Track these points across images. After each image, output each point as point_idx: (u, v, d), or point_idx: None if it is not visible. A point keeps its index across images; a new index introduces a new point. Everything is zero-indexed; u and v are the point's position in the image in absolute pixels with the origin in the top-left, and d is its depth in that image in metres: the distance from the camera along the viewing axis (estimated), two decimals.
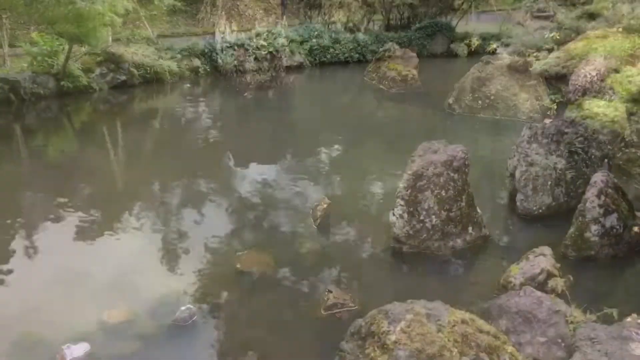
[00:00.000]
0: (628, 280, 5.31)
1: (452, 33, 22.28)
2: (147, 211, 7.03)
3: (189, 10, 23.86)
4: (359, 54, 20.08)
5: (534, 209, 6.45)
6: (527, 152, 6.54)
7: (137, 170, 8.79)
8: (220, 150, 9.88)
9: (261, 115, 13.13)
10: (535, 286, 4.44)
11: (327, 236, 6.29)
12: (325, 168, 8.90)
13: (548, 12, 20.82)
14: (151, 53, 15.54)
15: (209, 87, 16.00)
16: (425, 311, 2.79)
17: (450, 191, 5.67)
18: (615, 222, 5.42)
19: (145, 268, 5.57)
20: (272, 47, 17.86)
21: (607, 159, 6.75)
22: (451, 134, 10.45)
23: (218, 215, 7.07)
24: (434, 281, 5.34)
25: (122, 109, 13.40)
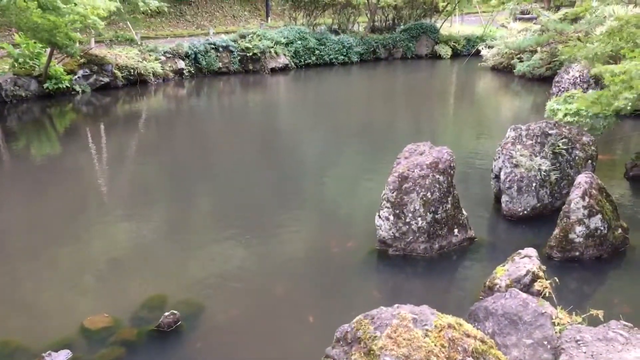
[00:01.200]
0: (613, 282, 5.33)
1: (437, 35, 22.39)
2: (128, 214, 6.94)
3: (173, 12, 23.72)
4: (344, 56, 20.14)
5: (519, 210, 6.47)
6: (511, 153, 6.56)
7: (120, 173, 8.69)
8: (204, 152, 9.82)
9: (246, 117, 13.07)
10: (520, 288, 4.43)
11: (313, 239, 6.25)
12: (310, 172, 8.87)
13: (531, 14, 21.03)
14: (135, 55, 15.45)
15: (193, 88, 15.90)
16: (411, 316, 2.76)
17: (436, 193, 5.66)
18: (600, 223, 5.45)
19: (127, 272, 5.49)
20: (257, 48, 17.83)
21: (590, 160, 6.78)
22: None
23: (202, 217, 7.02)
24: (421, 284, 5.33)
25: (105, 111, 13.27)
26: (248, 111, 13.75)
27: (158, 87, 15.57)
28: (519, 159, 6.49)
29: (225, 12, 26.16)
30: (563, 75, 12.80)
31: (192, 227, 6.64)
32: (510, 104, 14.79)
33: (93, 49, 14.90)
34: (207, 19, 24.87)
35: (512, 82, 16.64)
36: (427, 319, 2.77)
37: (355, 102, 15.03)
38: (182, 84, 16.25)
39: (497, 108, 14.39)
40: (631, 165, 7.86)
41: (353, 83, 18.28)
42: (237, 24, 25.13)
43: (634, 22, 7.79)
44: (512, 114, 13.18)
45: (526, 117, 11.90)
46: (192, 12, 24.78)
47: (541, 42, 14.55)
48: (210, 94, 15.66)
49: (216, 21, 24.93)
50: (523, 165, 6.45)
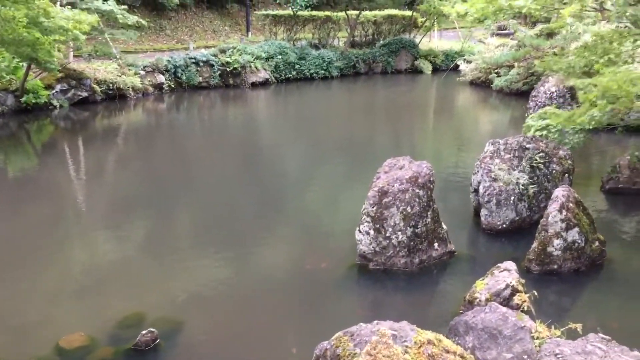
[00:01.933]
0: (591, 294, 5.38)
1: (416, 50, 22.62)
2: (106, 230, 6.85)
3: (153, 26, 23.65)
4: (325, 71, 20.23)
5: (498, 224, 6.51)
6: (490, 167, 6.61)
7: (98, 188, 8.59)
8: (184, 167, 9.75)
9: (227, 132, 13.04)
10: (500, 302, 4.45)
11: (293, 254, 6.23)
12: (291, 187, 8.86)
13: (508, 30, 21.36)
14: (114, 69, 15.34)
15: (173, 103, 15.83)
16: (391, 332, 2.75)
17: (416, 207, 5.68)
18: (577, 236, 5.50)
19: (104, 289, 5.40)
20: (238, 63, 17.84)
21: (567, 174, 6.87)
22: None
23: (181, 233, 6.94)
24: (401, 298, 5.32)
25: (83, 125, 13.15)
26: (228, 125, 13.72)
27: (137, 101, 15.48)
28: (497, 173, 6.55)
29: (206, 27, 26.15)
30: (539, 89, 13.00)
31: (172, 243, 6.56)
32: (488, 118, 14.97)
33: (71, 63, 14.78)
34: (187, 33, 24.83)
35: (490, 97, 16.85)
36: (407, 335, 2.76)
37: (335, 116, 15.09)
38: (162, 98, 16.17)
39: (475, 122, 14.54)
40: (607, 178, 7.97)
41: (333, 97, 18.36)
42: (217, 38, 25.12)
43: (608, 37, 7.95)
44: (491, 128, 13.33)
45: (504, 131, 12.03)
46: (172, 26, 24.73)
47: (518, 57, 14.78)
48: (190, 109, 15.60)
49: (196, 36, 24.90)
50: (501, 179, 6.51)
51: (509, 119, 13.98)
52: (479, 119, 14.94)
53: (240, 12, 28.03)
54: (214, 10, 27.24)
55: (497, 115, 15.32)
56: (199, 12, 26.51)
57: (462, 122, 14.64)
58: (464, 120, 14.93)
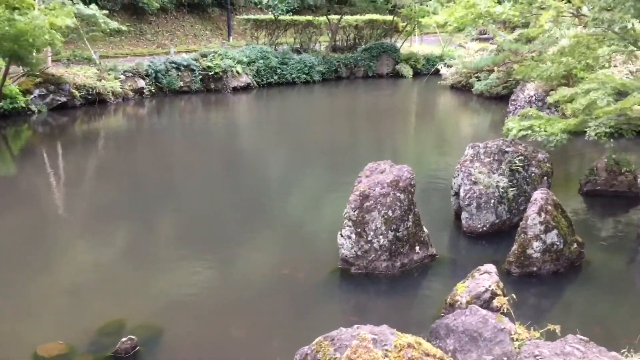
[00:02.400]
0: (569, 296, 5.44)
1: (397, 54, 22.76)
2: (86, 236, 6.78)
3: (133, 31, 23.50)
4: (306, 75, 20.24)
5: (478, 227, 6.56)
6: (470, 171, 6.67)
7: (77, 194, 8.49)
8: (165, 172, 9.69)
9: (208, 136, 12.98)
10: (480, 304, 4.48)
11: (275, 259, 6.21)
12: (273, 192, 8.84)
13: (488, 34, 21.57)
14: (93, 74, 15.21)
15: (154, 108, 15.73)
16: (371, 336, 2.76)
17: (397, 211, 5.70)
18: (556, 239, 5.56)
19: (84, 296, 5.34)
20: (219, 67, 17.79)
21: (546, 177, 6.95)
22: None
23: (162, 239, 6.89)
24: (383, 302, 5.34)
25: (62, 131, 13.00)
26: (210, 130, 13.66)
27: (117, 106, 15.35)
28: (477, 176, 6.61)
29: (187, 31, 26.05)
30: (519, 94, 13.15)
31: (152, 249, 6.51)
32: (469, 122, 15.10)
33: (50, 68, 14.62)
34: (168, 37, 24.70)
35: (470, 101, 17.00)
36: (387, 339, 2.77)
37: (317, 120, 15.11)
38: (143, 103, 16.06)
39: (456, 126, 14.66)
40: (585, 181, 8.08)
41: (315, 102, 18.38)
42: (198, 43, 25.03)
43: (585, 42, 8.07)
44: (471, 132, 13.45)
45: (485, 135, 12.14)
46: (153, 30, 24.59)
47: (497, 62, 14.93)
48: (171, 113, 15.51)
49: (177, 40, 24.78)
50: (481, 182, 6.57)
51: (489, 123, 14.11)
52: (459, 123, 15.06)
53: (221, 16, 27.97)
54: (195, 14, 27.14)
55: (477, 118, 15.46)
56: (180, 16, 26.39)
57: (443, 125, 14.75)
58: (444, 124, 15.04)
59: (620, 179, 7.90)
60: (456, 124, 14.98)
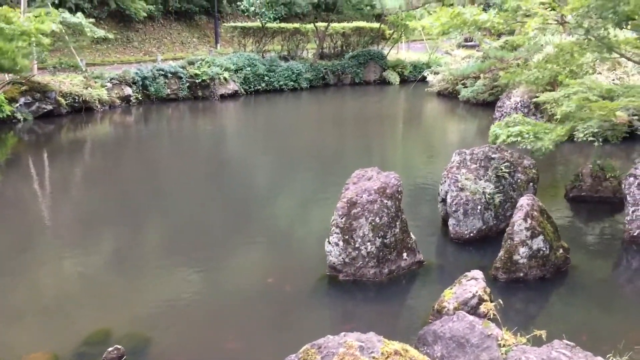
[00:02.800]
0: (555, 301, 5.48)
1: (385, 61, 22.88)
2: (72, 245, 6.72)
3: (120, 38, 23.43)
4: (294, 82, 20.28)
5: (465, 233, 6.59)
6: (457, 177, 6.70)
7: (64, 203, 8.43)
8: (152, 180, 9.64)
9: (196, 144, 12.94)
10: (468, 310, 4.49)
11: (262, 266, 6.20)
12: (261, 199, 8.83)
13: (474, 41, 21.77)
14: (79, 81, 15.14)
15: (141, 115, 15.67)
16: (358, 344, 2.76)
17: (385, 218, 5.71)
18: (542, 244, 5.60)
19: (70, 305, 5.29)
20: (206, 75, 17.78)
21: (532, 183, 7.00)
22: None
23: (149, 247, 6.85)
24: (371, 309, 5.33)
25: (48, 139, 12.91)
26: (198, 138, 13.63)
27: (104, 114, 15.28)
28: (464, 182, 6.64)
29: (174, 39, 26.02)
30: (505, 100, 13.27)
31: (139, 258, 6.47)
32: (456, 128, 15.19)
33: (35, 75, 14.53)
34: (155, 45, 24.66)
35: (457, 107, 17.11)
36: (374, 347, 2.77)
37: (305, 127, 15.13)
38: (130, 110, 16.00)
39: (443, 132, 14.74)
40: (570, 186, 8.15)
41: (303, 109, 18.41)
42: (185, 50, 25.01)
43: (568, 49, 8.17)
44: (458, 138, 13.53)
45: (472, 141, 12.21)
46: (140, 38, 24.54)
47: (483, 69, 15.02)
48: (158, 121, 15.46)
49: (164, 47, 24.75)
50: (468, 188, 6.60)
51: (476, 129, 14.20)
52: (446, 129, 15.15)
53: (208, 24, 27.99)
54: (182, 22, 27.14)
55: (464, 125, 15.55)
56: (167, 24, 26.37)
57: (430, 132, 14.83)
58: (432, 130, 15.12)
59: (605, 185, 7.97)
60: (443, 130, 15.06)
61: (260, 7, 20.27)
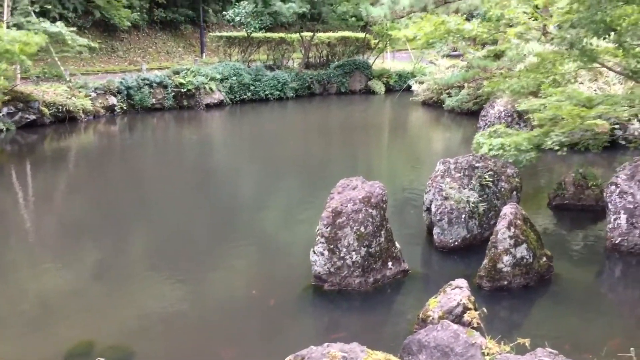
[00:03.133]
0: (539, 309, 5.51)
1: (370, 71, 23.00)
2: (55, 256, 6.64)
3: (105, 48, 23.33)
4: (280, 91, 20.32)
5: (450, 242, 6.62)
6: (441, 186, 6.73)
7: (47, 213, 8.34)
8: (136, 191, 9.58)
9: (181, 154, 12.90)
10: (452, 319, 4.51)
11: (247, 277, 6.17)
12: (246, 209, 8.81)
13: (458, 51, 21.96)
14: (63, 91, 15.04)
15: (125, 125, 15.59)
16: (341, 354, 2.75)
17: (370, 227, 5.72)
18: (525, 252, 5.64)
19: (53, 317, 5.22)
20: (192, 84, 17.75)
21: (515, 191, 7.05)
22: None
23: (133, 258, 6.80)
24: (356, 318, 5.33)
25: (31, 149, 12.80)
26: (183, 147, 13.58)
27: (88, 124, 15.18)
28: (448, 191, 6.68)
29: (159, 48, 25.96)
30: (488, 110, 13.39)
31: (123, 269, 6.41)
32: (441, 137, 15.28)
33: (18, 85, 14.41)
34: (140, 54, 24.58)
35: (442, 116, 17.22)
36: (357, 357, 2.77)
37: (291, 137, 15.13)
38: (114, 120, 15.91)
39: (428, 141, 14.82)
40: (553, 195, 8.22)
41: (288, 118, 18.43)
42: (171, 59, 24.95)
43: (550, 58, 8.28)
44: (443, 147, 13.61)
45: (456, 150, 12.29)
46: (125, 47, 24.46)
47: (467, 78, 15.15)
48: (143, 130, 15.38)
49: (149, 57, 24.67)
50: (452, 197, 6.64)
51: (461, 138, 14.30)
52: (431, 138, 15.23)
53: (194, 33, 27.97)
54: (167, 31, 27.10)
55: (449, 134, 15.65)
56: (152, 33, 26.32)
57: (415, 141, 14.90)
58: (417, 139, 15.20)
59: (587, 193, 8.06)
60: (428, 139, 15.15)
61: (245, 17, 20.33)
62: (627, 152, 10.39)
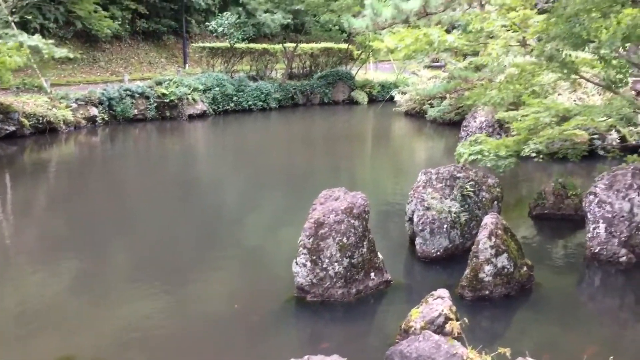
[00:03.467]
0: (520, 318, 5.54)
1: (353, 81, 23.11)
2: (35, 269, 6.55)
3: (86, 58, 23.19)
4: (263, 102, 20.33)
5: (432, 252, 6.65)
6: (423, 196, 6.77)
7: (27, 226, 8.23)
8: (118, 203, 9.49)
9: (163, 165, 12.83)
10: (434, 329, 4.52)
11: (230, 289, 6.14)
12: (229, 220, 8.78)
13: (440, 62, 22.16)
14: (44, 102, 14.89)
15: (107, 136, 15.47)
16: None
17: (352, 238, 5.73)
18: (506, 262, 5.68)
19: (33, 332, 5.14)
20: (174, 95, 17.69)
21: (496, 201, 7.11)
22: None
23: (114, 271, 6.73)
24: (339, 330, 5.32)
25: (10, 161, 12.64)
26: (165, 158, 13.51)
27: (69, 135, 15.04)
28: (430, 201, 6.72)
29: (141, 59, 25.85)
30: (470, 120, 13.52)
31: (104, 282, 6.34)
32: (423, 148, 15.38)
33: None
34: (122, 65, 24.45)
35: (424, 127, 17.34)
36: None
37: (274, 147, 15.13)
38: (95, 131, 15.79)
39: (411, 152, 14.91)
40: (534, 204, 8.31)
41: (272, 129, 18.43)
42: (153, 70, 24.86)
43: (529, 69, 8.39)
44: (426, 157, 13.70)
45: (439, 160, 12.38)
46: (106, 58, 24.32)
47: (449, 89, 15.32)
48: (125, 141, 15.27)
49: (132, 67, 24.55)
50: (434, 207, 6.68)
51: (443, 148, 14.41)
52: (414, 149, 15.33)
53: (177, 44, 27.91)
54: (149, 42, 27.02)
55: (431, 144, 15.77)
56: (135, 43, 26.22)
57: (398, 151, 14.98)
58: (399, 150, 15.28)
59: (567, 202, 8.15)
60: (411, 149, 15.24)
61: (229, 28, 20.35)
62: (605, 161, 10.55)
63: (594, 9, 6.23)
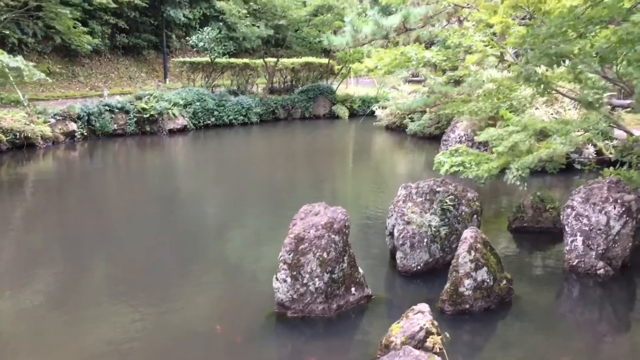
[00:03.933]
0: (500, 332, 5.56)
1: (334, 96, 23.23)
2: (11, 287, 6.43)
3: (65, 73, 23.00)
4: (244, 117, 20.34)
5: (412, 266, 6.66)
6: (403, 211, 6.79)
7: (3, 243, 8.09)
8: (96, 219, 9.38)
9: (142, 180, 12.71)
10: (415, 344, 4.52)
11: (210, 306, 6.08)
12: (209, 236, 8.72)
13: (420, 77, 22.37)
14: (21, 117, 14.72)
15: (86, 151, 15.32)
16: None
17: (332, 253, 5.72)
18: (486, 276, 5.71)
19: (7, 351, 5.03)
20: (154, 110, 17.61)
21: (476, 215, 7.16)
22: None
23: (93, 288, 6.63)
24: (319, 345, 5.29)
25: None
26: (145, 174, 13.40)
27: (47, 150, 14.87)
28: (410, 216, 6.74)
29: (121, 73, 25.73)
30: (450, 134, 13.65)
31: (82, 299, 6.23)
32: (404, 161, 15.47)
33: None
34: (101, 80, 24.30)
35: (405, 141, 17.46)
36: None
37: (255, 162, 15.10)
38: (74, 146, 15.63)
39: (392, 166, 14.98)
40: (513, 218, 8.38)
41: (253, 143, 18.41)
42: (133, 85, 24.74)
43: (506, 84, 8.51)
44: (406, 171, 13.77)
45: (419, 174, 12.45)
46: (86, 73, 24.16)
47: (429, 104, 15.42)
48: (104, 156, 15.14)
49: (111, 82, 24.41)
50: (414, 221, 6.70)
51: (423, 162, 14.50)
52: (395, 163, 15.40)
53: (157, 58, 27.84)
54: (129, 56, 26.91)
55: (412, 158, 15.86)
56: (114, 58, 26.09)
57: (379, 165, 15.04)
58: (380, 164, 15.35)
59: (545, 216, 8.24)
60: (391, 163, 15.31)
61: (209, 43, 20.36)
62: (582, 174, 10.69)
63: (570, 30, 6.34)
